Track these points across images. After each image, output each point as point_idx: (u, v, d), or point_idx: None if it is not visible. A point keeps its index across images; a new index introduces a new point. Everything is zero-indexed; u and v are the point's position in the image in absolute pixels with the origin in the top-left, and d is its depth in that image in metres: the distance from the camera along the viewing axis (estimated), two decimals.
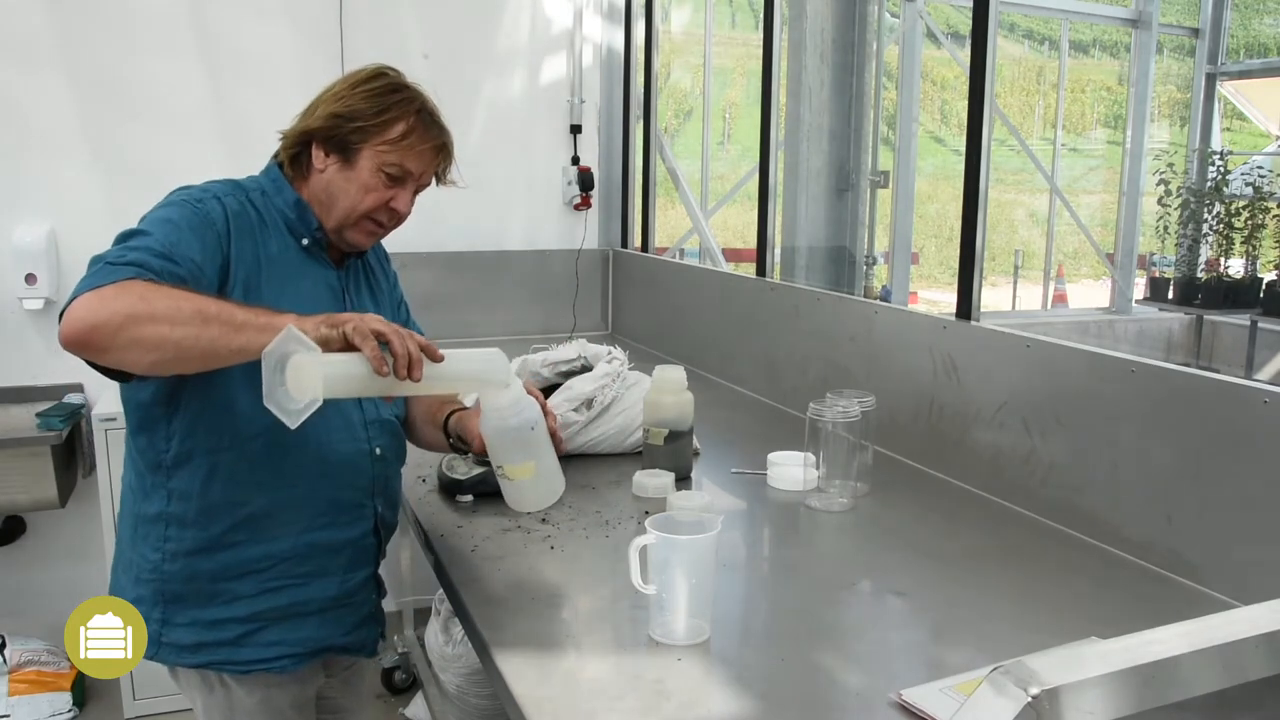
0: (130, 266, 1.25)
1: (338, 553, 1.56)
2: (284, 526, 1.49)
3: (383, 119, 1.49)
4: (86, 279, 1.25)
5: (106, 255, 1.30)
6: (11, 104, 3.01)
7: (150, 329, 1.20)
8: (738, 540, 1.76)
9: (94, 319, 1.20)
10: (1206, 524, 1.52)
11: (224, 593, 1.47)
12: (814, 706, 1.20)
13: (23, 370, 3.09)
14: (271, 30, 3.27)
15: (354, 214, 1.53)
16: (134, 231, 1.35)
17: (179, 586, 1.47)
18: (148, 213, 1.41)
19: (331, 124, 1.50)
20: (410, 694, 3.04)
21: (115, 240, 1.35)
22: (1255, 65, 9.56)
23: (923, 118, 9.76)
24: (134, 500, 1.51)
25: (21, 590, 3.13)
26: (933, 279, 12.21)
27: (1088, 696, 0.60)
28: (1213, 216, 5.96)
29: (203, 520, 1.46)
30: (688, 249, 5.01)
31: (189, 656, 1.49)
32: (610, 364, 2.13)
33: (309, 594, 1.53)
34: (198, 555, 1.46)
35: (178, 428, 1.43)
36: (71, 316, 1.20)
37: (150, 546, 1.47)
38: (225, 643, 1.48)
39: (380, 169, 1.51)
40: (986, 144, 2.00)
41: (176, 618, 1.47)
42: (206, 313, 1.23)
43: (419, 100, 1.54)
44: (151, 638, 1.47)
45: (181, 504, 1.45)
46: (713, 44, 5.46)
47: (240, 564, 1.47)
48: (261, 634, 1.50)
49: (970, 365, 2.00)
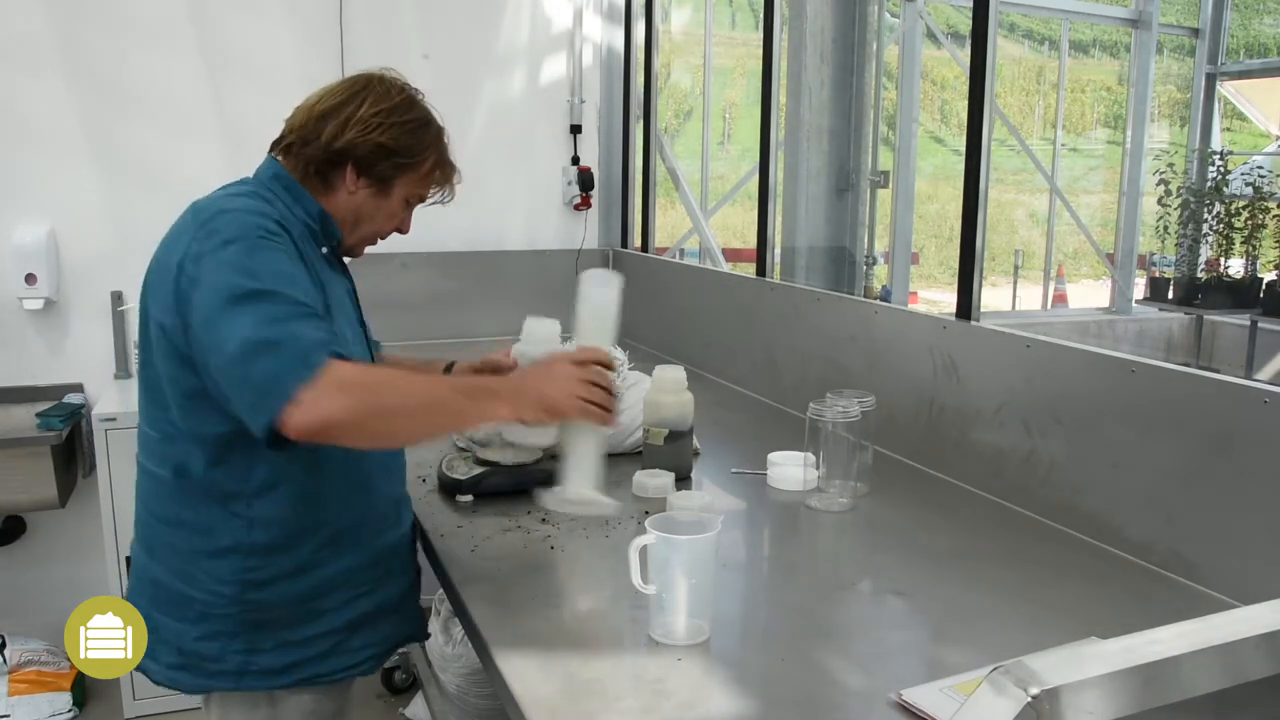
0: (320, 351, 1.26)
1: (402, 548, 1.63)
2: (362, 536, 1.53)
3: (420, 156, 1.55)
4: (284, 367, 1.24)
5: (262, 334, 1.26)
6: (11, 104, 3.01)
7: (384, 425, 1.32)
8: (738, 540, 1.76)
9: (328, 417, 1.25)
10: (1206, 524, 1.52)
11: (312, 611, 1.48)
12: (814, 706, 1.20)
13: (23, 370, 3.09)
14: (271, 30, 3.27)
15: (376, 236, 1.61)
16: (260, 291, 1.30)
17: (264, 614, 1.46)
18: (232, 256, 1.33)
19: (375, 152, 1.51)
20: (410, 694, 3.04)
21: (234, 298, 1.29)
22: (1255, 65, 9.57)
23: (923, 118, 9.76)
24: (188, 537, 1.45)
25: (21, 590, 3.14)
26: (933, 279, 12.22)
27: (1088, 696, 0.60)
28: (1213, 216, 5.96)
29: (291, 544, 1.45)
30: (688, 249, 5.01)
31: (281, 678, 1.48)
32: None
33: (386, 594, 1.58)
34: (285, 580, 1.46)
35: (264, 455, 1.37)
36: (304, 414, 1.23)
37: (221, 580, 1.44)
38: (315, 658, 1.49)
39: (405, 200, 1.59)
40: (986, 144, 2.00)
41: (263, 644, 1.46)
42: (431, 403, 1.35)
43: (442, 131, 1.60)
44: (233, 669, 1.45)
45: (266, 531, 1.44)
46: (713, 44, 5.47)
47: (327, 581, 1.49)
48: (348, 641, 1.52)
49: (970, 365, 2.00)
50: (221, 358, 1.28)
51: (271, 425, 1.24)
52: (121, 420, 2.79)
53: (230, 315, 1.28)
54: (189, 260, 1.35)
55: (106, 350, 3.15)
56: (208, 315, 1.30)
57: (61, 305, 3.12)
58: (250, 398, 1.27)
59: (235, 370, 1.27)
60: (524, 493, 1.86)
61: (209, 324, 1.30)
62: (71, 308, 3.14)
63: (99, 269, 3.12)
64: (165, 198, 3.23)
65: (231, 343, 1.26)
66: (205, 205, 1.44)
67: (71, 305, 3.14)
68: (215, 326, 1.29)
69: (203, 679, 1.47)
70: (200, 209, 1.43)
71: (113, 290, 3.13)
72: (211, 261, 1.32)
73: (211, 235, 1.35)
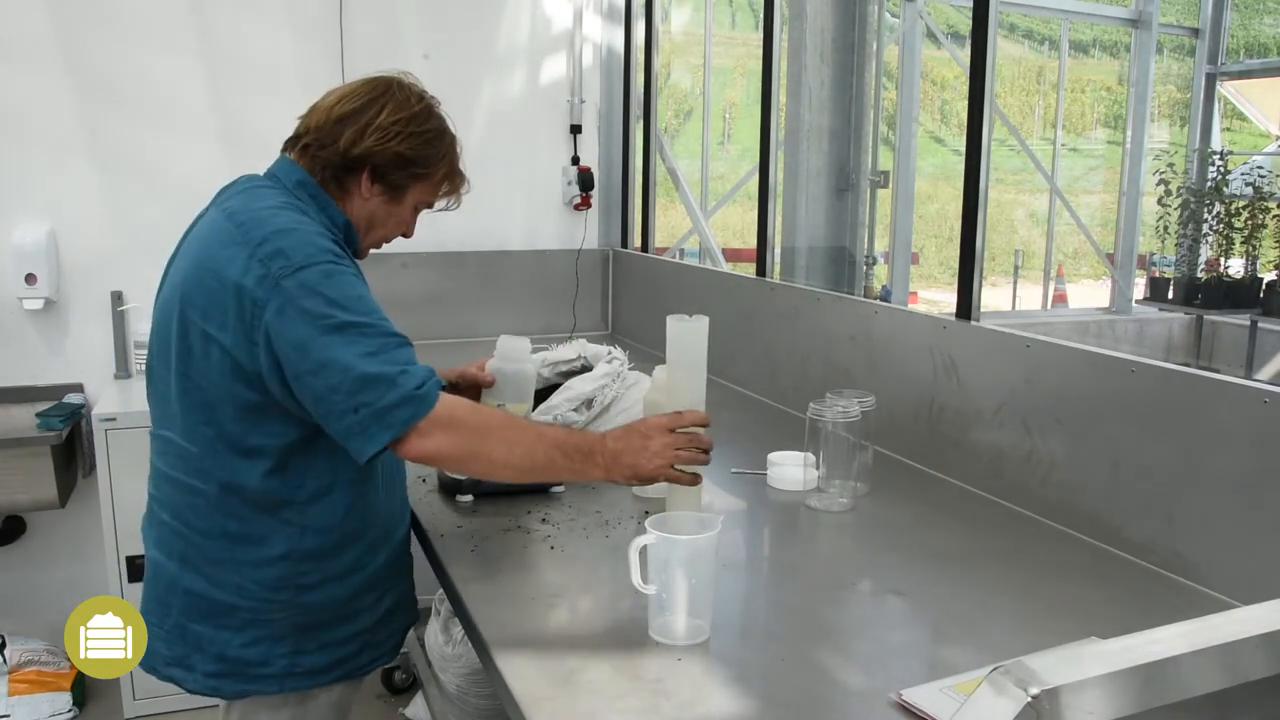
0: (430, 382, 1.36)
1: (407, 542, 1.70)
2: (391, 535, 1.61)
3: (433, 167, 1.58)
4: (400, 402, 1.32)
5: (371, 369, 1.32)
6: (11, 104, 3.01)
7: (484, 468, 1.44)
8: (738, 540, 1.77)
9: (438, 452, 1.37)
10: (1206, 524, 1.52)
11: (352, 610, 1.54)
12: (814, 706, 1.20)
13: (23, 370, 3.09)
14: (271, 30, 3.27)
15: (383, 241, 1.64)
16: (352, 323, 1.35)
17: (312, 616, 1.50)
18: (312, 282, 1.35)
19: (392, 161, 1.53)
20: (410, 694, 3.04)
21: (329, 329, 1.33)
22: (1255, 65, 9.57)
23: (923, 118, 9.76)
24: (235, 548, 1.46)
25: (21, 590, 3.14)
26: (933, 279, 12.22)
27: (1088, 696, 0.60)
28: (1213, 216, 5.96)
29: (339, 549, 1.50)
30: (688, 249, 5.01)
31: (323, 677, 1.53)
32: (610, 364, 2.13)
33: (404, 588, 1.67)
34: (333, 582, 1.51)
35: (319, 464, 1.45)
36: (417, 447, 1.35)
37: (272, 586, 1.46)
38: (353, 654, 1.56)
39: (414, 207, 1.63)
40: (986, 144, 2.00)
41: (307, 645, 1.50)
42: (532, 463, 1.42)
43: (455, 141, 1.62)
44: (277, 673, 1.48)
45: (317, 537, 1.48)
46: (713, 44, 5.47)
47: (366, 581, 1.55)
48: (378, 634, 1.61)
49: (970, 365, 2.00)
50: (326, 387, 1.32)
51: (379, 451, 1.33)
52: (121, 420, 2.79)
53: (331, 345, 1.32)
54: (254, 283, 1.35)
55: (106, 350, 3.15)
56: (302, 342, 1.33)
57: (61, 305, 3.12)
58: (360, 426, 1.33)
59: (347, 400, 1.32)
60: (524, 493, 1.87)
61: (305, 351, 1.33)
62: (71, 308, 3.14)
63: (99, 269, 3.12)
64: (165, 198, 3.26)
65: (339, 373, 1.32)
66: (249, 217, 1.43)
67: (71, 305, 3.14)
68: (313, 354, 1.33)
69: (244, 684, 1.49)
70: (245, 221, 1.42)
71: (113, 290, 3.13)
72: (290, 287, 1.34)
73: (276, 257, 1.36)
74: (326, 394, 1.33)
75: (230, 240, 1.40)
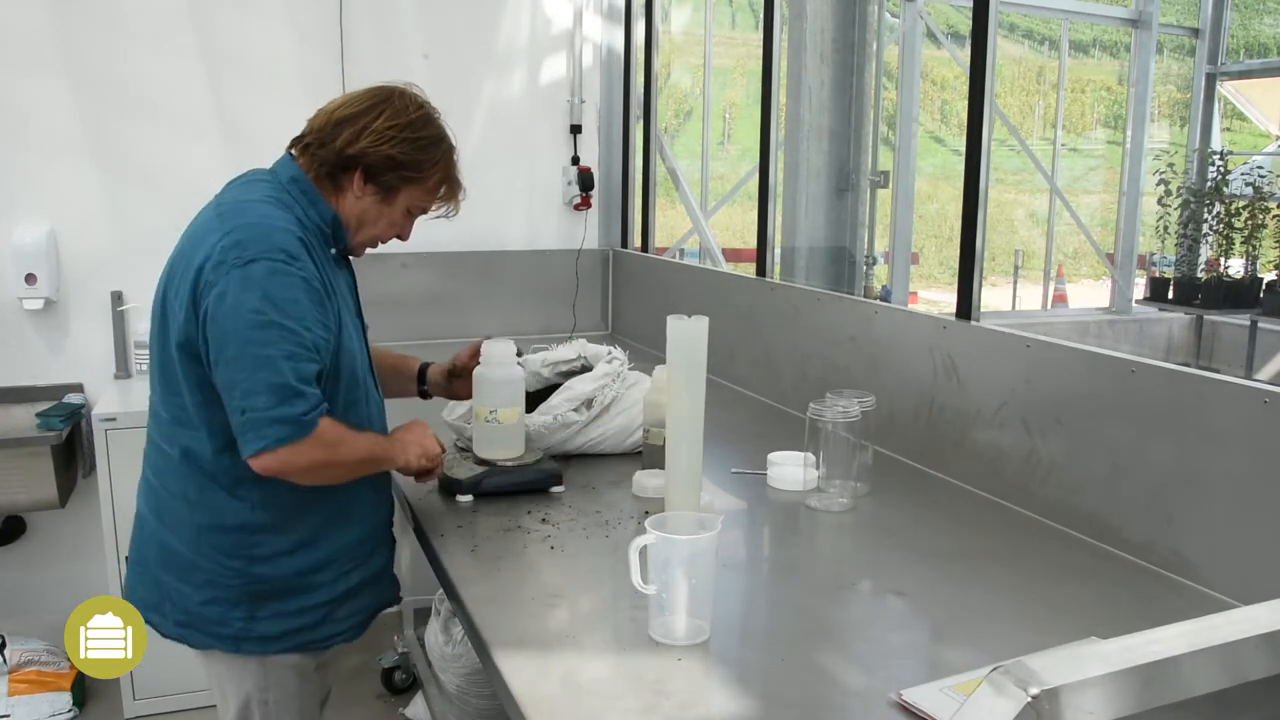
0: (314, 413, 1.46)
1: (386, 525, 1.77)
2: (354, 516, 1.66)
3: (426, 171, 1.64)
4: (279, 420, 1.42)
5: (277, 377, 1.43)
6: (11, 104, 3.01)
7: (327, 474, 1.54)
8: (738, 540, 1.76)
9: (291, 470, 1.48)
10: (1206, 524, 1.52)
11: (308, 584, 1.61)
12: (814, 706, 1.20)
13: (23, 370, 3.09)
14: (272, 30, 3.27)
15: (376, 240, 1.70)
16: (279, 324, 1.44)
17: (264, 586, 1.58)
18: (255, 275, 1.44)
19: (383, 163, 1.60)
20: (410, 694, 3.04)
21: (254, 324, 1.42)
22: (1255, 65, 9.57)
23: (923, 118, 9.76)
24: (192, 511, 1.57)
25: (21, 590, 3.14)
26: (933, 279, 12.22)
27: (1088, 696, 0.60)
28: (1213, 216, 5.96)
29: (292, 524, 1.58)
30: (688, 249, 5.01)
31: (275, 645, 1.61)
32: (610, 364, 2.13)
33: (371, 568, 1.72)
34: (285, 556, 1.59)
35: None
36: (278, 463, 1.45)
37: (226, 554, 1.56)
38: (308, 626, 1.63)
39: (407, 209, 1.68)
40: (986, 144, 2.00)
41: (260, 613, 1.59)
42: (365, 459, 1.59)
43: (453, 150, 1.68)
44: (234, 634, 1.58)
45: (271, 513, 1.56)
46: (713, 44, 5.47)
47: (323, 558, 1.62)
48: (336, 612, 1.66)
49: (970, 365, 2.00)
50: (229, 379, 1.44)
51: (251, 456, 1.44)
52: (121, 420, 2.79)
53: (251, 342, 1.43)
54: (210, 265, 1.46)
55: (106, 350, 3.15)
56: (226, 330, 1.43)
57: (61, 305, 3.12)
58: (241, 428, 1.44)
59: (241, 400, 1.43)
60: (524, 493, 1.87)
61: (229, 338, 1.43)
62: (71, 308, 3.14)
63: (99, 269, 3.12)
64: (165, 198, 3.26)
65: (246, 371, 1.43)
66: (231, 206, 1.55)
67: (71, 305, 3.14)
68: (232, 345, 1.43)
69: (207, 638, 1.61)
70: (226, 211, 1.54)
71: (113, 290, 3.13)
72: (236, 276, 1.44)
73: (236, 246, 1.46)
74: (228, 386, 1.45)
75: (210, 228, 1.51)
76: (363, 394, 1.66)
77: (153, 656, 1.72)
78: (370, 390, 1.70)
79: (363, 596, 1.70)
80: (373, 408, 1.70)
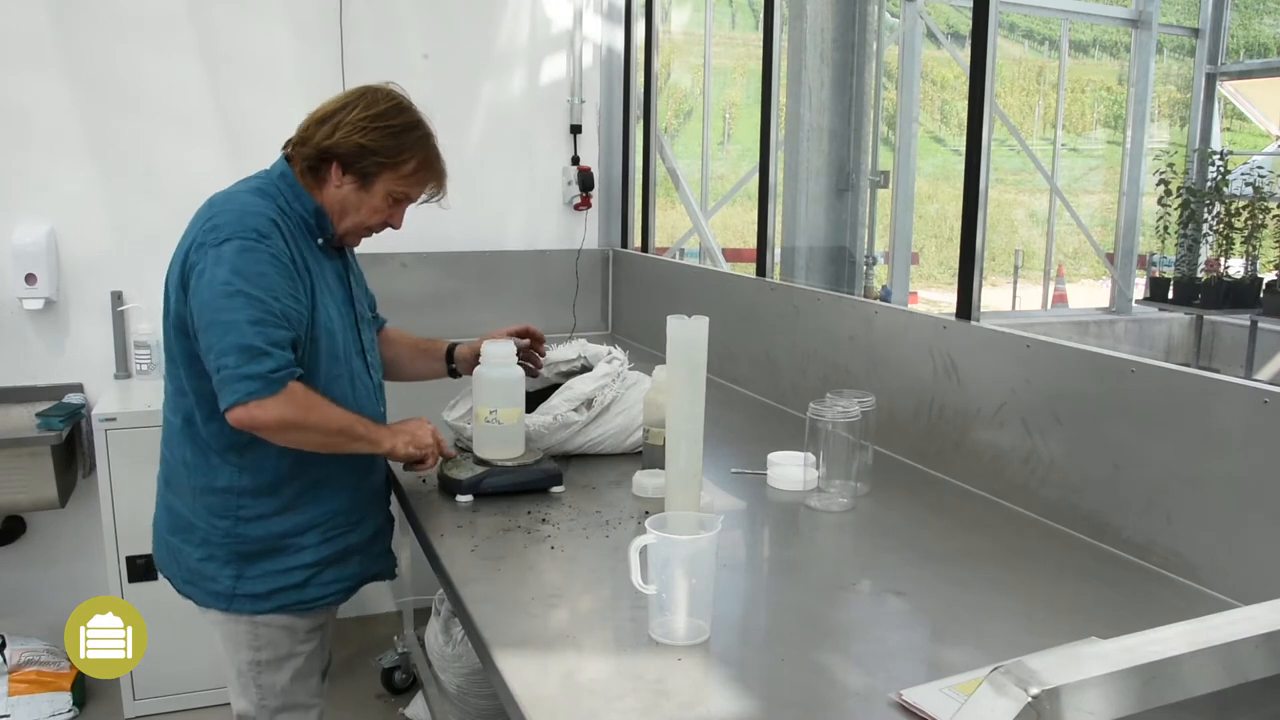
0: (283, 372, 1.57)
1: (375, 495, 1.87)
2: (339, 484, 1.76)
3: (400, 158, 1.72)
4: (248, 376, 1.54)
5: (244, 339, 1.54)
6: (11, 103, 3.01)
7: (299, 437, 1.63)
8: (738, 540, 1.77)
9: (260, 424, 1.58)
10: (1206, 524, 1.52)
11: (291, 546, 1.73)
12: (814, 706, 1.20)
13: (23, 370, 3.09)
14: (271, 30, 3.27)
15: (360, 227, 1.79)
16: (247, 294, 1.56)
17: (252, 546, 1.70)
18: (227, 253, 1.57)
19: (355, 152, 1.70)
20: (410, 694, 3.04)
21: (226, 294, 1.55)
22: (1255, 65, 9.56)
23: (923, 118, 9.76)
24: (190, 475, 1.72)
25: (21, 590, 3.14)
26: (933, 279, 12.21)
27: (1088, 696, 0.60)
28: (1213, 216, 5.96)
29: (275, 488, 1.70)
30: (688, 249, 5.01)
31: (263, 603, 1.73)
32: (610, 364, 2.13)
33: (357, 537, 1.81)
34: (270, 518, 1.71)
35: None
36: (248, 417, 1.56)
37: (217, 514, 1.70)
38: (293, 586, 1.74)
39: (389, 195, 1.75)
40: (986, 144, 2.00)
41: (249, 572, 1.71)
42: (342, 429, 1.66)
43: (429, 137, 1.77)
44: (225, 592, 1.71)
45: (255, 477, 1.69)
46: (713, 44, 5.47)
47: (306, 521, 1.73)
48: (321, 575, 1.76)
49: (970, 365, 2.00)
50: (207, 342, 1.57)
51: (226, 410, 1.57)
52: (121, 420, 2.79)
53: (223, 309, 1.56)
54: (194, 248, 1.61)
55: (106, 350, 3.15)
56: (204, 301, 1.57)
57: (61, 305, 3.12)
58: (219, 384, 1.57)
59: (217, 359, 1.56)
60: (524, 493, 1.87)
61: (204, 308, 1.57)
62: (71, 308, 3.14)
63: (99, 269, 3.12)
64: (165, 198, 3.26)
65: (219, 333, 1.55)
66: (219, 196, 1.70)
67: (71, 305, 3.14)
68: (208, 313, 1.57)
69: (205, 596, 1.73)
70: (213, 200, 1.69)
71: (113, 290, 3.13)
72: (211, 254, 1.59)
73: (214, 229, 1.61)
74: (206, 349, 1.58)
75: (200, 217, 1.67)
76: (345, 372, 1.75)
77: (153, 656, 1.72)
78: (358, 374, 1.80)
79: (349, 564, 1.81)
80: (359, 390, 1.79)
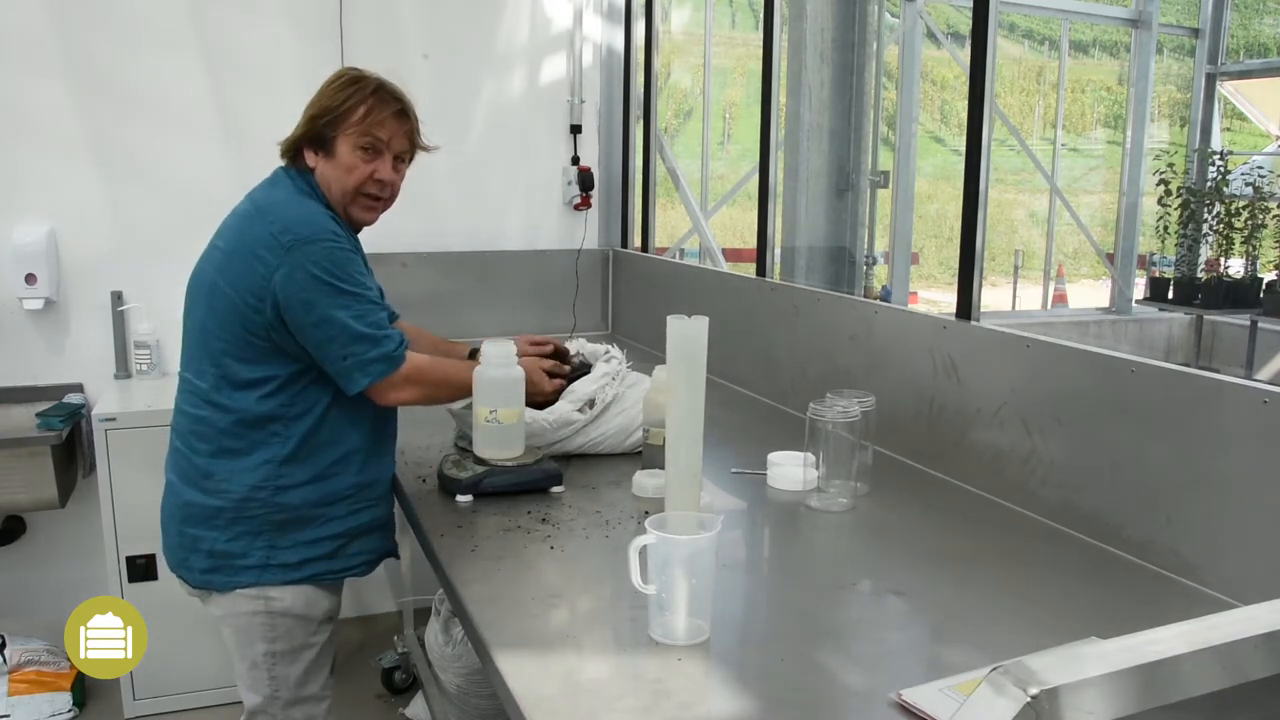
0: (399, 349, 1.76)
1: (389, 477, 1.95)
2: (365, 459, 1.84)
3: (346, 106, 1.77)
4: (377, 359, 1.72)
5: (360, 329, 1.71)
6: (11, 103, 3.01)
7: (434, 398, 1.89)
8: (738, 540, 1.77)
9: (400, 399, 1.81)
10: (1206, 524, 1.52)
11: (321, 516, 1.80)
12: (814, 706, 1.20)
13: (23, 370, 3.09)
14: (271, 30, 3.27)
15: (347, 192, 1.80)
16: (348, 291, 1.71)
17: (286, 514, 1.77)
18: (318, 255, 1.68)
19: (309, 126, 1.78)
20: (410, 694, 3.04)
21: (329, 293, 1.68)
22: (1255, 65, 9.57)
23: (923, 118, 9.76)
24: (231, 460, 1.76)
25: (21, 590, 3.14)
26: (933, 279, 12.22)
27: (1087, 696, 0.60)
28: (1213, 216, 5.96)
29: (313, 457, 1.77)
30: (688, 249, 5.01)
31: (294, 573, 1.79)
32: (609, 363, 2.13)
33: (378, 513, 1.90)
34: (305, 486, 1.77)
35: (307, 390, 1.75)
36: (384, 395, 1.77)
37: (255, 488, 1.75)
38: (323, 556, 1.81)
39: (356, 148, 1.78)
40: (986, 144, 2.00)
41: (282, 542, 1.77)
42: (458, 384, 1.88)
43: (374, 83, 1.81)
44: (258, 564, 1.76)
45: (295, 445, 1.76)
46: (713, 44, 5.47)
47: (337, 492, 1.80)
48: (348, 547, 1.84)
49: (970, 365, 2.00)
50: (324, 337, 1.69)
51: (360, 390, 1.73)
52: (121, 420, 2.79)
53: (331, 306, 1.68)
54: (267, 249, 1.68)
55: (106, 350, 3.15)
56: (308, 302, 1.67)
57: (61, 305, 3.12)
58: (347, 370, 1.71)
59: (340, 350, 1.70)
60: (524, 493, 1.87)
61: (310, 308, 1.68)
62: (71, 308, 3.14)
63: (99, 269, 3.12)
64: (165, 198, 3.26)
65: (337, 329, 1.69)
66: (268, 202, 1.77)
67: (71, 305, 3.14)
68: (316, 311, 1.68)
69: (230, 576, 1.77)
70: (264, 206, 1.76)
71: (113, 290, 3.12)
72: (299, 256, 1.67)
73: (288, 231, 1.69)
74: (325, 343, 1.70)
75: (250, 217, 1.75)
76: None
77: (153, 656, 1.72)
78: None
79: (372, 537, 1.89)
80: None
